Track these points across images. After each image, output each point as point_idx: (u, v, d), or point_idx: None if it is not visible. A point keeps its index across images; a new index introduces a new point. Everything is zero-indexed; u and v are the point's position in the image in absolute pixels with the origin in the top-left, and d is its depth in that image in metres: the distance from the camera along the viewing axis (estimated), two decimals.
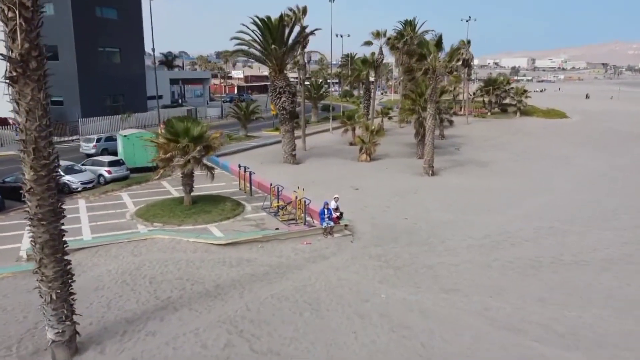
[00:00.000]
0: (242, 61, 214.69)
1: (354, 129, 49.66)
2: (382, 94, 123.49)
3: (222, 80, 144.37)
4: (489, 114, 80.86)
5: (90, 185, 29.37)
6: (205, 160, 25.81)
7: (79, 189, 28.61)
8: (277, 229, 21.40)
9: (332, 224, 21.63)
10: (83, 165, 31.69)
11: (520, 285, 17.49)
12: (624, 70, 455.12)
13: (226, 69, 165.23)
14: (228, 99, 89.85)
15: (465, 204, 28.15)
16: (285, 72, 37.86)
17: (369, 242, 21.40)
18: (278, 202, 24.89)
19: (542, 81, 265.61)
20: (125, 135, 34.59)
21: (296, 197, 22.91)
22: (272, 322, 14.16)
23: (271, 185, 25.84)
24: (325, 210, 21.62)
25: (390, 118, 62.41)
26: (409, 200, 28.63)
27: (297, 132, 46.90)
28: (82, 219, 23.61)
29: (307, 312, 14.82)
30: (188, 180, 24.97)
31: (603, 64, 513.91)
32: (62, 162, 30.31)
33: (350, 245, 20.94)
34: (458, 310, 15.49)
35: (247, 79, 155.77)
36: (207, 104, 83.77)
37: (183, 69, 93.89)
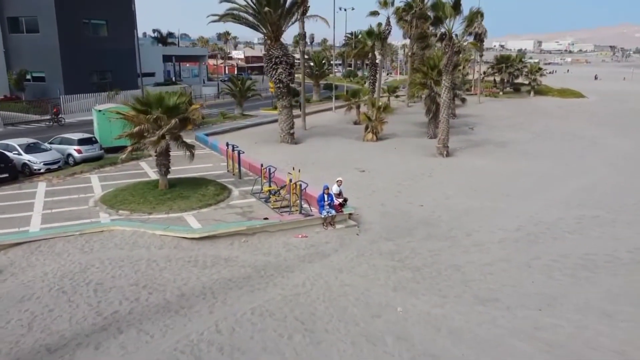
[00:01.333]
0: (243, 42, 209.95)
1: (358, 107, 45.54)
2: (387, 74, 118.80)
3: (222, 61, 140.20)
4: (500, 93, 76.51)
5: (56, 166, 25.45)
6: (185, 137, 21.87)
7: (42, 171, 24.72)
8: (266, 218, 17.44)
9: (333, 212, 17.69)
10: (50, 143, 27.79)
11: (574, 293, 13.57)
12: (631, 52, 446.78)
13: (226, 49, 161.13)
14: (226, 79, 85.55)
15: (488, 188, 24.15)
16: (282, 40, 33.62)
17: (379, 234, 17.50)
18: (270, 186, 20.98)
19: (549, 64, 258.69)
20: (100, 110, 30.54)
21: (290, 180, 18.98)
22: (250, 350, 10.31)
23: (262, 166, 21.89)
24: (326, 196, 17.68)
25: (397, 96, 58.14)
26: (424, 184, 24.65)
27: (297, 112, 42.90)
28: (35, 206, 19.78)
29: (299, 334, 10.95)
30: (163, 160, 21.05)
31: (611, 47, 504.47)
32: (23, 140, 26.48)
33: (356, 239, 17.05)
34: (500, 329, 11.61)
35: (247, 59, 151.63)
36: (204, 83, 79.62)
37: (178, 46, 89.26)
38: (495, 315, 12.23)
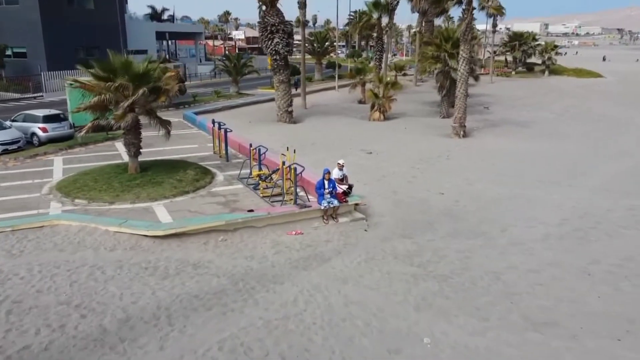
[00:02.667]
0: (244, 23, 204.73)
1: (363, 85, 41.83)
2: (392, 55, 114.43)
3: (222, 42, 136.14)
4: (513, 72, 72.52)
5: (15, 146, 22.03)
6: (172, 116, 18.39)
7: None
8: (251, 210, 13.94)
9: (335, 202, 14.20)
10: (13, 121, 24.34)
11: None
12: (639, 35, 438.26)
13: (227, 29, 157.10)
14: (224, 58, 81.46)
15: (516, 172, 20.63)
16: (278, 6, 29.87)
17: (393, 230, 14.06)
18: (260, 170, 17.53)
19: (556, 47, 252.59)
20: (72, 84, 26.95)
21: (283, 164, 15.51)
22: None
23: (250, 146, 18.41)
24: (326, 183, 14.19)
25: (405, 74, 54.32)
26: (441, 168, 21.14)
27: (297, 91, 39.35)
28: None
29: None
30: (132, 139, 17.60)
31: (618, 30, 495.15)
32: None
33: (364, 236, 13.62)
34: None
35: (248, 40, 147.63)
36: (200, 61, 75.77)
37: (174, 22, 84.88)
38: (558, 348, 8.82)
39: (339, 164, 15.17)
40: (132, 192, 16.04)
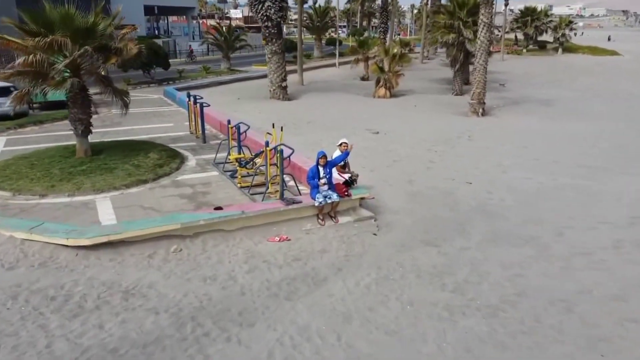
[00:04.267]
0: (243, 3, 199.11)
1: (366, 60, 38.05)
2: (396, 35, 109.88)
3: (219, 21, 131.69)
4: (524, 50, 68.45)
5: None
6: (154, 93, 14.68)
7: None
8: (220, 208, 10.26)
9: (334, 197, 10.53)
10: None
11: None
12: None
13: (225, 9, 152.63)
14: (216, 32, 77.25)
15: (555, 157, 16.98)
16: None
17: (412, 233, 10.45)
18: (240, 154, 13.90)
19: (571, 22, 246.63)
20: None
21: (266, 145, 11.87)
22: None
23: (229, 123, 14.73)
24: (321, 170, 10.54)
25: (410, 50, 50.40)
26: (463, 151, 17.49)
27: (293, 67, 35.66)
28: None
29: None
30: (79, 113, 13.95)
31: (623, 11, 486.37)
32: None
33: (373, 242, 10.00)
34: None
35: (246, 19, 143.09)
36: (193, 39, 71.55)
37: None
38: None
39: (343, 143, 11.46)
40: (72, 182, 12.42)
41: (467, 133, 20.14)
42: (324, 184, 10.39)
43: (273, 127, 12.78)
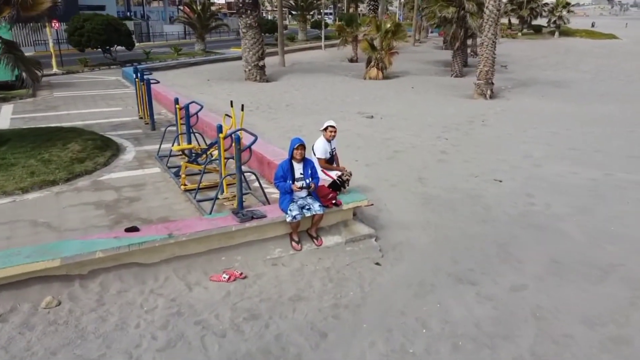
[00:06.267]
0: None
1: (355, 40, 34.40)
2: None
3: (201, 6, 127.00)
4: (519, 34, 65.23)
5: None
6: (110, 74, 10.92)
7: None
8: (135, 229, 6.60)
9: (315, 207, 6.93)
10: None
11: None
12: (629, 6, 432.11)
13: None
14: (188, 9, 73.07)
15: (598, 145, 13.54)
16: None
17: (433, 261, 6.87)
18: (188, 144, 10.25)
19: (568, 4, 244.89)
20: None
21: (219, 131, 8.19)
22: None
23: (176, 103, 11.04)
24: (296, 167, 6.94)
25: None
26: (480, 139, 13.97)
27: (274, 49, 32.04)
28: None
29: None
30: None
31: (608, 0, 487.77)
32: None
33: (375, 279, 6.41)
34: None
35: (229, 5, 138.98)
36: (170, 21, 67.38)
37: None
38: None
39: (329, 127, 7.84)
40: None
41: (480, 117, 16.65)
42: (299, 187, 6.80)
43: (232, 106, 9.14)
